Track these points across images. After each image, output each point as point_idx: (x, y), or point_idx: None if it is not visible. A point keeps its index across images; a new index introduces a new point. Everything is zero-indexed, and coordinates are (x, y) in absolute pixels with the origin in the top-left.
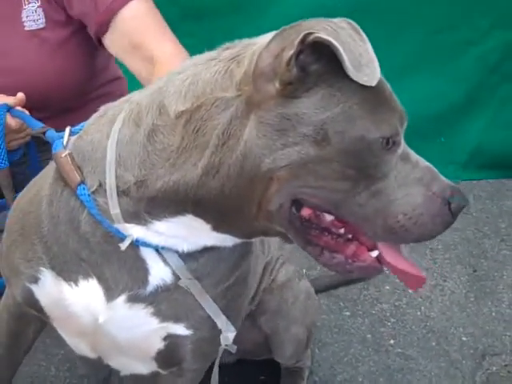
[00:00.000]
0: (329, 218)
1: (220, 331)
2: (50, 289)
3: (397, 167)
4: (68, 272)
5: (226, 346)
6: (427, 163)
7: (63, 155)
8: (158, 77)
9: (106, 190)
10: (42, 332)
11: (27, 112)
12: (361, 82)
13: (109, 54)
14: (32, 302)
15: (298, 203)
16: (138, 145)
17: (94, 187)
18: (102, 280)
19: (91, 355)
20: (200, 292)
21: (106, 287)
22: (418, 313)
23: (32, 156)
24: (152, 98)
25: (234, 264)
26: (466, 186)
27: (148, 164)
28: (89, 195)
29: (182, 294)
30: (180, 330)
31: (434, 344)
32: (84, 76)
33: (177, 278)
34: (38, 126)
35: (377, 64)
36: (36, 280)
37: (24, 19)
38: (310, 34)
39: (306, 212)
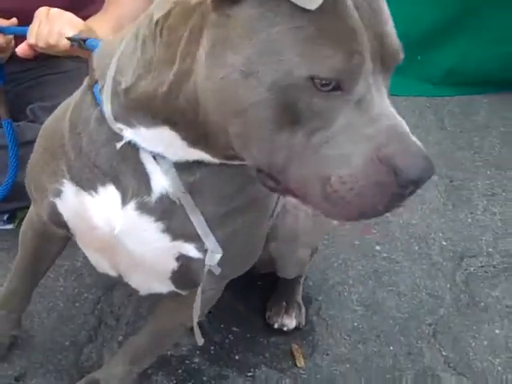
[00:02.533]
0: None
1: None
2: (71, 200)
3: (346, 117)
4: (86, 181)
5: (210, 266)
6: (395, 121)
7: (94, 56)
8: None
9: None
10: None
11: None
12: (296, 2)
13: None
14: (56, 217)
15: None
16: (134, 55)
17: (99, 87)
18: (117, 185)
19: (112, 273)
20: (192, 208)
21: (122, 192)
22: (401, 221)
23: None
24: (150, 10)
25: (239, 187)
26: (441, 102)
27: (136, 73)
28: (100, 91)
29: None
30: (192, 251)
31: (416, 248)
32: None
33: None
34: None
35: None
36: (59, 193)
37: None
38: None
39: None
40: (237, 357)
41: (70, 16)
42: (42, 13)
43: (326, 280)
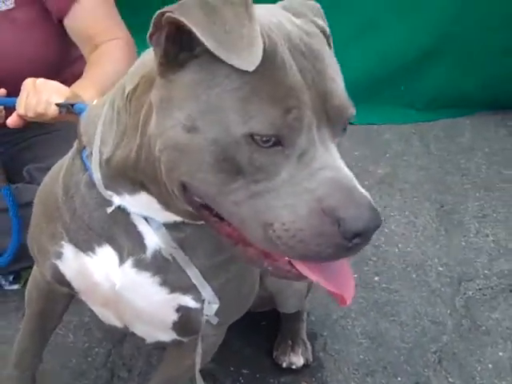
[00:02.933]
0: None
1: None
2: (72, 262)
3: (288, 171)
4: (83, 242)
5: (207, 316)
6: (339, 173)
7: (82, 121)
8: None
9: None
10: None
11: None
12: (233, 64)
13: None
14: (59, 277)
15: (188, 189)
16: (112, 126)
17: (86, 154)
18: (113, 245)
19: (118, 324)
20: (185, 261)
21: (119, 251)
22: (396, 249)
23: None
24: (123, 83)
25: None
26: (426, 128)
27: (114, 143)
28: (87, 157)
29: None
30: (190, 302)
31: (414, 276)
32: (56, 52)
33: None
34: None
35: (258, 47)
36: (60, 255)
37: None
38: (164, 13)
39: (196, 199)
40: None
41: (56, 84)
42: (28, 84)
43: (328, 315)
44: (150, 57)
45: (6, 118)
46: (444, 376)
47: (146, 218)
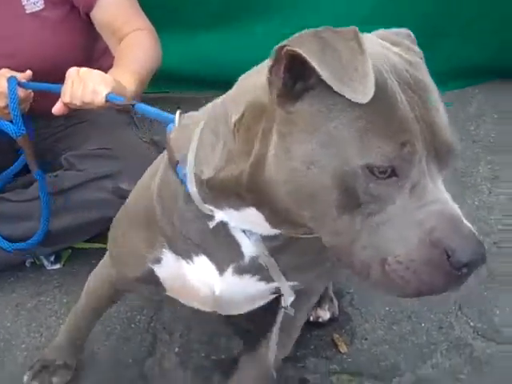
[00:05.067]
0: None
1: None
2: (171, 266)
3: (401, 201)
4: (182, 251)
5: (285, 308)
6: (446, 205)
7: (171, 137)
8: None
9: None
10: None
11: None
12: (347, 96)
13: None
14: (150, 278)
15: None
16: (214, 150)
17: (183, 172)
18: (210, 256)
19: (206, 309)
20: (274, 269)
21: (216, 262)
22: None
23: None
24: (224, 108)
25: (317, 250)
26: None
27: (218, 166)
28: (184, 174)
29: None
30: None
31: None
32: (85, 47)
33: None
34: (57, 89)
35: (371, 79)
36: (159, 260)
37: (24, 3)
38: (284, 46)
39: None
40: None
41: (99, 74)
42: (72, 73)
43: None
44: (252, 83)
45: (38, 104)
46: (465, 321)
47: (243, 230)
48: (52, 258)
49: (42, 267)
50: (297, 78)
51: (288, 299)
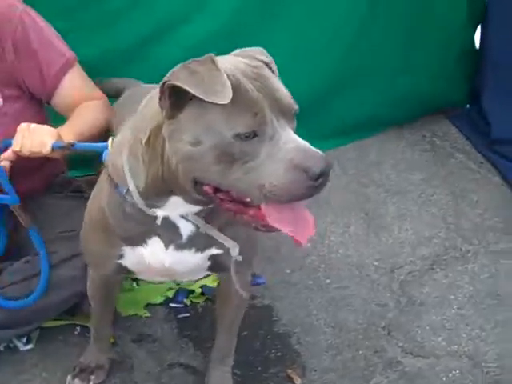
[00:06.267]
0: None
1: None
2: (132, 257)
3: (266, 148)
4: (137, 239)
5: (234, 256)
6: (298, 142)
7: (107, 164)
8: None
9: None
10: None
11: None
12: (214, 101)
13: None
14: (121, 270)
15: (199, 183)
16: (140, 168)
17: (124, 191)
18: (159, 236)
19: (165, 280)
20: (208, 228)
21: (164, 241)
22: (338, 255)
23: None
24: (135, 134)
25: None
26: (339, 153)
27: (145, 175)
28: (126, 191)
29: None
30: (215, 251)
31: (357, 273)
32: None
33: (197, 227)
34: None
35: (228, 87)
36: (122, 256)
37: None
38: (164, 82)
39: (206, 187)
40: None
41: (47, 128)
42: (24, 127)
43: (297, 317)
44: (150, 113)
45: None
46: (394, 343)
47: (182, 216)
48: (24, 340)
49: (17, 348)
50: (177, 97)
51: (234, 249)
